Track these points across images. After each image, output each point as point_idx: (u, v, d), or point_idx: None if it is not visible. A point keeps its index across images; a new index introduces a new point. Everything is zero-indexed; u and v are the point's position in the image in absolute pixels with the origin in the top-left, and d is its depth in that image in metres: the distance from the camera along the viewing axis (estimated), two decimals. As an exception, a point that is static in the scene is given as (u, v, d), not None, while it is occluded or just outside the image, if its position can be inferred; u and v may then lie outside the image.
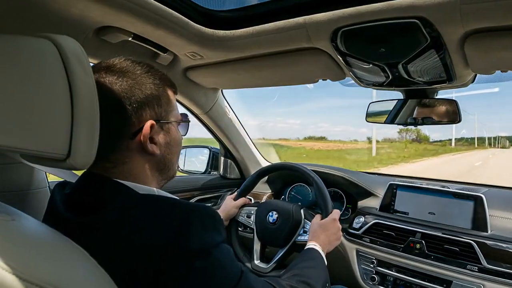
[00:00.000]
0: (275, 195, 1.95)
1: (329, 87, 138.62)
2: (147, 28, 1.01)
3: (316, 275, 0.91)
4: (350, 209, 1.73)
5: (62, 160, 0.52)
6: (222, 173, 2.08)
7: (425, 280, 1.27)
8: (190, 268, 0.57)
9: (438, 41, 0.89)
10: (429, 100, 1.31)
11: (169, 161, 0.76)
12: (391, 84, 1.24)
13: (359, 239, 1.48)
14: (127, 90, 0.66)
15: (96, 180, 0.67)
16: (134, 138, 0.68)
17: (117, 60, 0.71)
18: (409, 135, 70.18)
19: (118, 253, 0.57)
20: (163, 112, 0.72)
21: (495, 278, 1.14)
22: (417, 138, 73.73)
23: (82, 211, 0.64)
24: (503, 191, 1.58)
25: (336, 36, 0.96)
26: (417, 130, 50.55)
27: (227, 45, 1.13)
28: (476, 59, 0.96)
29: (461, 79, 1.13)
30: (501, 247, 1.18)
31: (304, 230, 1.26)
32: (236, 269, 0.65)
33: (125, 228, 0.59)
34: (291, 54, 1.16)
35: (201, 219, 0.62)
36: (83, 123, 0.52)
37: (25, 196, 1.12)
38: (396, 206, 1.49)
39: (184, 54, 1.24)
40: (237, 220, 1.42)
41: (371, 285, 1.39)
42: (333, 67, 1.19)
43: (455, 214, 1.34)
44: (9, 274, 0.40)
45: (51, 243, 0.51)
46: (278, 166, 1.53)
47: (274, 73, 1.36)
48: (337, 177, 1.74)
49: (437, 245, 1.28)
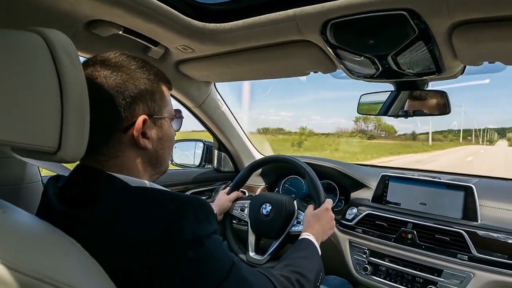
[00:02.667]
0: (269, 187, 1.96)
1: (323, 79, 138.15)
2: (138, 21, 1.00)
3: (308, 265, 0.92)
4: (343, 200, 1.75)
5: (52, 153, 0.52)
6: (216, 167, 2.08)
7: (417, 269, 1.29)
8: (182, 259, 0.58)
9: (426, 33, 0.90)
10: (420, 93, 1.32)
11: (161, 156, 0.76)
12: (382, 76, 1.25)
13: (351, 230, 1.50)
14: (121, 85, 0.67)
15: (89, 173, 0.68)
16: (126, 132, 0.68)
17: (112, 55, 0.71)
18: (367, 125, 62.10)
19: (110, 245, 0.58)
20: (156, 107, 0.73)
21: (484, 267, 1.17)
22: (378, 129, 63.20)
23: (75, 204, 0.64)
24: (494, 182, 1.60)
25: (325, 29, 0.97)
26: (377, 119, 44.68)
27: (218, 38, 1.13)
28: (464, 51, 0.97)
29: (450, 70, 1.14)
30: (491, 236, 1.20)
31: (297, 220, 1.27)
32: (228, 259, 0.66)
33: (118, 221, 0.59)
34: (282, 46, 1.17)
35: (193, 210, 0.62)
36: (73, 116, 0.53)
37: (18, 190, 1.12)
38: (388, 197, 1.51)
39: (175, 48, 1.24)
40: (231, 213, 1.43)
41: (364, 275, 1.41)
42: (324, 59, 1.19)
43: (446, 204, 1.36)
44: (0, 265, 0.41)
45: (43, 235, 0.52)
46: (270, 159, 1.54)
47: (265, 66, 1.36)
48: (330, 169, 1.75)
49: (428, 235, 1.30)
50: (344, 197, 1.75)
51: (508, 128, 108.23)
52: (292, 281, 0.81)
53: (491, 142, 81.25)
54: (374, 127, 56.56)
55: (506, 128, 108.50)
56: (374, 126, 56.14)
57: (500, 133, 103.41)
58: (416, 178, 1.48)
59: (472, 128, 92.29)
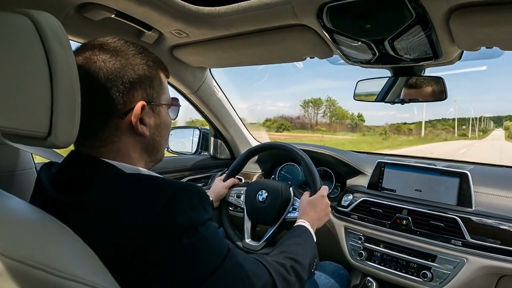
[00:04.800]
0: (265, 174, 1.96)
1: (320, 65, 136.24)
2: (130, 4, 0.98)
3: (303, 252, 0.92)
4: (339, 187, 1.75)
5: (43, 138, 0.51)
6: (212, 154, 2.08)
7: (411, 255, 1.30)
8: (177, 245, 0.58)
9: (423, 17, 0.89)
10: (416, 80, 1.31)
11: (158, 143, 0.76)
12: (378, 62, 1.24)
13: (347, 216, 1.50)
14: (119, 69, 0.66)
15: (83, 159, 0.67)
16: (124, 117, 0.68)
17: (111, 39, 0.70)
18: (315, 110, 45.02)
19: (104, 232, 0.57)
20: (154, 94, 0.72)
21: (478, 252, 1.18)
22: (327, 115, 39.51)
23: (69, 190, 0.64)
24: (489, 168, 1.61)
25: (322, 12, 0.95)
26: (331, 100, 34.14)
27: (213, 22, 1.11)
28: (461, 35, 0.96)
29: (447, 55, 1.13)
30: (485, 222, 1.21)
31: (293, 207, 1.27)
32: (223, 246, 0.66)
33: (112, 207, 0.59)
34: (277, 31, 1.15)
35: (187, 196, 0.62)
36: (63, 100, 0.52)
37: (11, 177, 1.11)
38: (384, 183, 1.51)
39: (169, 32, 1.22)
40: (227, 200, 1.43)
41: (359, 260, 1.43)
42: (320, 44, 1.18)
43: (441, 190, 1.36)
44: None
45: (36, 222, 0.51)
46: (267, 145, 1.53)
47: (261, 51, 1.34)
48: (327, 156, 1.75)
49: (423, 221, 1.31)
50: (340, 184, 1.75)
51: (505, 117, 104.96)
52: (287, 267, 0.81)
53: (485, 132, 78.67)
54: (324, 114, 40.59)
55: (503, 117, 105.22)
56: (324, 113, 40.43)
57: (496, 122, 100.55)
58: (412, 165, 1.48)
59: (467, 116, 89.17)
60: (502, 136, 72.56)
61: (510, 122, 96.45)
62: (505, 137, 69.72)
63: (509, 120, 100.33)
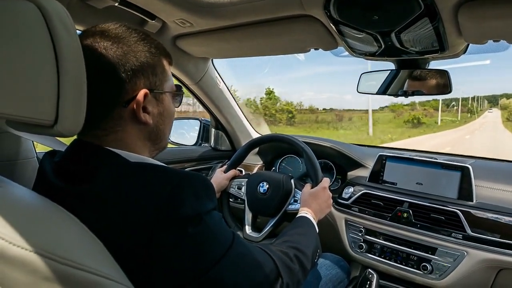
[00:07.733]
0: (266, 166, 1.96)
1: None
2: (134, -8, 0.97)
3: (306, 241, 0.93)
4: (340, 180, 1.75)
5: (49, 126, 0.51)
6: (213, 145, 2.08)
7: (411, 247, 1.31)
8: (182, 235, 0.57)
9: (431, 9, 0.88)
10: (420, 73, 1.30)
11: (162, 131, 0.75)
12: (384, 54, 1.23)
13: (348, 209, 1.51)
14: (121, 57, 0.65)
15: (87, 148, 0.67)
16: (127, 106, 0.67)
17: (112, 26, 0.68)
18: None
19: (110, 221, 0.57)
20: (157, 82, 0.71)
21: (478, 245, 1.19)
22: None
23: (73, 179, 0.63)
24: (490, 163, 1.62)
25: (329, 3, 0.94)
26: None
27: (217, 12, 1.09)
28: (469, 28, 0.95)
29: (453, 49, 1.12)
30: (485, 216, 1.21)
31: (294, 199, 1.27)
32: (228, 236, 0.66)
33: (117, 196, 0.59)
34: (282, 22, 1.14)
35: (192, 186, 0.61)
36: (70, 88, 0.51)
37: (13, 166, 1.10)
38: (385, 176, 1.51)
39: (172, 21, 1.21)
40: (228, 192, 1.43)
41: (359, 252, 1.43)
42: (326, 35, 1.16)
43: (442, 184, 1.37)
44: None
45: (42, 209, 0.51)
46: (268, 137, 1.53)
47: (265, 42, 1.33)
48: (328, 149, 1.75)
49: (424, 214, 1.31)
50: (341, 176, 1.75)
51: (500, 95, 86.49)
52: (291, 256, 0.81)
53: (474, 114, 59.49)
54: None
55: (498, 95, 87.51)
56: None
57: (492, 102, 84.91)
58: (413, 158, 1.48)
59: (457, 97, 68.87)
60: (497, 118, 55.18)
61: (507, 100, 78.23)
62: (502, 120, 51.67)
63: (505, 98, 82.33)
